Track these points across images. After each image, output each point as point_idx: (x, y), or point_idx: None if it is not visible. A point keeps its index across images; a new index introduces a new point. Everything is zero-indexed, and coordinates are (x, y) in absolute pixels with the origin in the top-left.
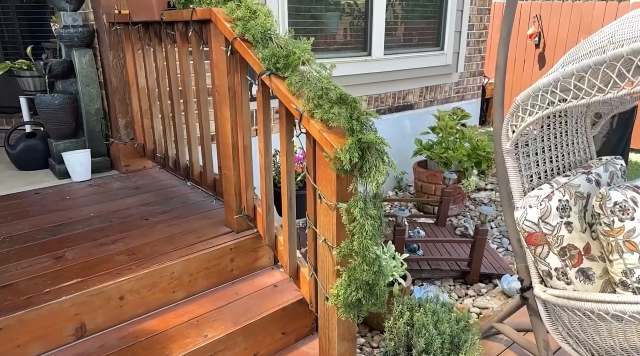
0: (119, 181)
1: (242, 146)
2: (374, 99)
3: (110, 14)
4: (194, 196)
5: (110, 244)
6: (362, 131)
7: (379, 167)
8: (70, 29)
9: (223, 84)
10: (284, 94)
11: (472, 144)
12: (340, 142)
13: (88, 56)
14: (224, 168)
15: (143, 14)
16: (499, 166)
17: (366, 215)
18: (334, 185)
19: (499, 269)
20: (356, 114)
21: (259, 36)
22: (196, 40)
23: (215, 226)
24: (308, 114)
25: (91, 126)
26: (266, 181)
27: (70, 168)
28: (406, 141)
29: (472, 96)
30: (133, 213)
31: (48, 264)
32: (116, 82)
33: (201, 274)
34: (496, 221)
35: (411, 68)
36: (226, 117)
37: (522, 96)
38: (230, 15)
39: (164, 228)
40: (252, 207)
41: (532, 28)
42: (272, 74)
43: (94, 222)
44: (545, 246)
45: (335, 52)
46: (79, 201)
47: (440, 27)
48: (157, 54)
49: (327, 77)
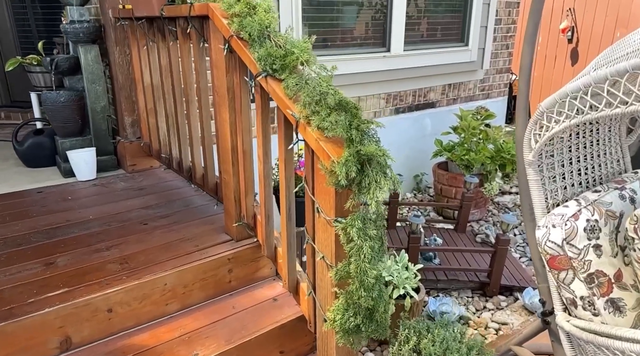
0: (124, 181)
1: (242, 150)
2: (392, 96)
3: (115, 9)
4: (197, 199)
5: (104, 251)
6: (363, 141)
7: (379, 183)
8: (76, 24)
9: (222, 84)
10: (280, 98)
11: (496, 146)
12: (338, 152)
13: (94, 52)
14: (223, 173)
15: (144, 9)
16: (521, 176)
17: (365, 236)
18: (332, 199)
19: (520, 281)
20: (356, 122)
21: (256, 34)
22: (196, 37)
23: (215, 234)
24: (304, 121)
25: (97, 124)
26: (265, 189)
27: (75, 167)
28: (426, 140)
29: (498, 93)
30: (133, 217)
31: (38, 270)
32: (122, 79)
33: (197, 285)
34: (520, 228)
35: (433, 65)
36: (225, 120)
37: (547, 102)
38: (227, 11)
39: (162, 234)
40: (252, 215)
41: (565, 22)
42: (269, 76)
43: (92, 225)
44: (570, 271)
45: (351, 47)
46: (80, 202)
47: (465, 21)
48: (161, 51)
49: (328, 80)
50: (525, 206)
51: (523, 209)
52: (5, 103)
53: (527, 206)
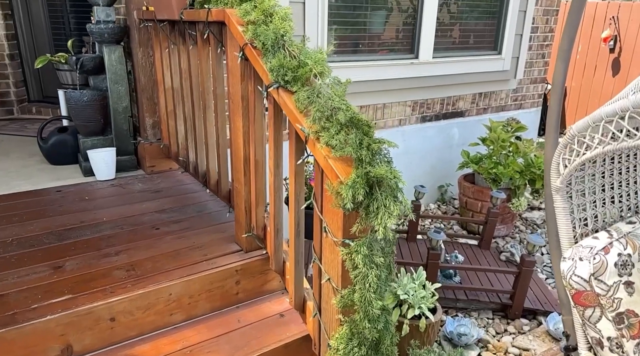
0: (142, 183)
1: (254, 160)
2: (419, 104)
3: (139, 10)
4: (212, 205)
5: (113, 256)
6: (373, 162)
7: (388, 208)
8: (102, 25)
9: (237, 91)
10: (291, 111)
11: (526, 160)
12: (347, 172)
13: (118, 53)
14: (235, 181)
15: (165, 12)
16: (548, 200)
17: (371, 264)
18: (340, 219)
19: (545, 304)
20: (367, 141)
21: (269, 43)
22: (214, 43)
23: (225, 243)
24: (314, 137)
25: (119, 124)
26: (275, 202)
27: (94, 166)
28: (453, 150)
29: (531, 104)
30: (145, 221)
31: (45, 274)
32: (145, 80)
33: (203, 296)
34: (548, 247)
35: (463, 73)
36: (239, 128)
37: (580, 125)
38: (243, 18)
39: (172, 240)
40: (262, 226)
41: (608, 31)
42: (281, 87)
43: (104, 228)
44: (597, 309)
45: (378, 53)
46: (96, 203)
47: (499, 29)
48: (181, 54)
49: (341, 94)
50: (551, 232)
51: (549, 235)
52: (37, 98)
53: (553, 231)
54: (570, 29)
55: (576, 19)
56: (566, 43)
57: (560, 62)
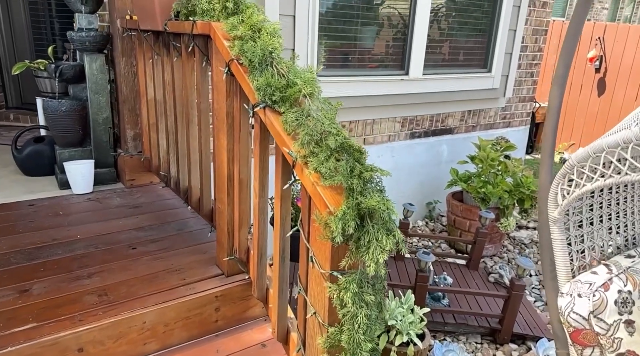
0: (121, 197)
1: (238, 179)
2: (408, 121)
3: (123, 19)
4: (193, 223)
5: (85, 279)
6: (364, 191)
7: (380, 242)
8: (83, 33)
9: (221, 108)
10: (278, 133)
11: (515, 180)
12: (337, 202)
13: (99, 62)
14: (218, 201)
15: (149, 23)
16: (542, 230)
17: (361, 302)
18: (328, 250)
19: (534, 329)
20: (359, 169)
21: (257, 60)
22: (199, 56)
23: (205, 265)
24: (302, 161)
25: (98, 136)
26: (260, 225)
27: (71, 179)
28: (441, 167)
29: (519, 122)
30: (122, 239)
31: (10, 298)
32: (127, 91)
33: (179, 324)
34: (538, 267)
35: (453, 90)
36: (223, 146)
37: (579, 155)
38: (229, 33)
39: (149, 261)
40: (245, 249)
41: (594, 51)
42: (268, 107)
43: (77, 247)
44: (597, 349)
45: (368, 69)
46: (71, 219)
47: (489, 47)
48: (165, 66)
49: (331, 117)
50: (545, 262)
51: (543, 266)
52: (16, 105)
53: (547, 261)
54: (566, 55)
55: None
56: (562, 69)
57: (556, 88)
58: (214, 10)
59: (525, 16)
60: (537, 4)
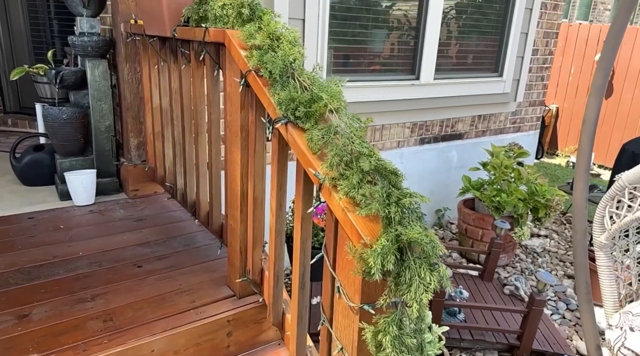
0: (124, 209)
1: (253, 196)
2: (418, 126)
3: (127, 23)
4: (201, 238)
5: (89, 301)
6: (403, 220)
7: (424, 279)
8: (85, 37)
9: (235, 120)
10: (302, 152)
11: (529, 188)
12: (372, 232)
13: (102, 68)
14: (229, 218)
15: (155, 28)
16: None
17: (401, 346)
18: (359, 281)
19: (554, 345)
20: (396, 195)
21: (277, 72)
22: (210, 64)
23: (215, 286)
24: (330, 184)
25: (100, 144)
26: (276, 246)
27: (72, 190)
28: (451, 174)
29: (529, 127)
30: (127, 256)
31: (9, 326)
32: (131, 98)
33: (189, 351)
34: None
35: (464, 95)
36: (236, 160)
37: (631, 176)
38: (246, 41)
39: (156, 281)
40: (259, 270)
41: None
42: (290, 123)
43: (79, 265)
44: None
45: (378, 74)
46: (72, 233)
47: (501, 51)
48: (172, 73)
49: (361, 135)
50: (580, 283)
51: (578, 287)
52: (14, 109)
53: (583, 283)
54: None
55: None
56: (601, 78)
57: (593, 99)
58: (227, 16)
59: (537, 19)
60: (548, 6)
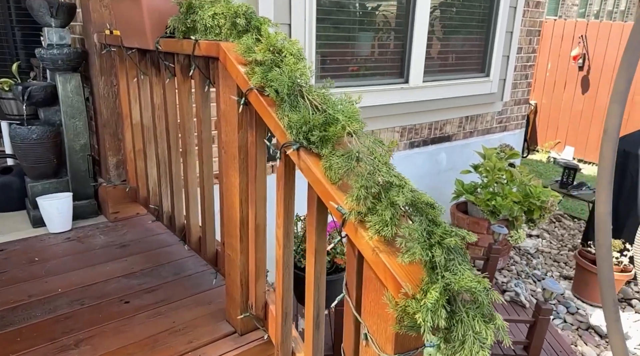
0: (104, 234)
1: (254, 224)
2: (407, 130)
3: (101, 34)
4: (191, 264)
5: (72, 349)
6: (450, 264)
7: (479, 334)
8: (55, 50)
9: (232, 141)
10: (318, 181)
11: (524, 190)
12: (412, 278)
13: (74, 82)
14: (227, 248)
15: (135, 40)
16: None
17: None
18: (391, 329)
19: (561, 353)
20: (438, 233)
21: (285, 91)
22: (200, 80)
23: (213, 321)
24: (355, 220)
25: (76, 165)
26: (284, 280)
27: (46, 217)
28: (441, 177)
29: (515, 126)
30: (111, 290)
31: None
32: (107, 113)
33: None
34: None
35: (452, 97)
36: (234, 185)
37: None
38: (245, 56)
39: (146, 319)
40: (262, 304)
41: (577, 49)
42: (302, 148)
43: (59, 304)
44: None
45: (367, 78)
46: (48, 266)
47: (487, 51)
48: (154, 87)
49: (386, 162)
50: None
51: (605, 305)
52: None
53: (610, 301)
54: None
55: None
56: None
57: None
58: (219, 27)
59: (521, 17)
60: (530, 4)
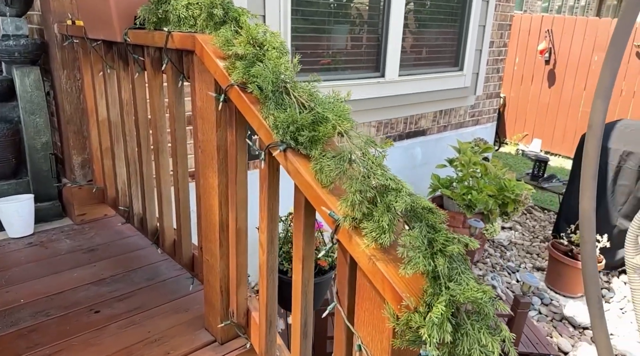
0: (70, 238)
1: (235, 228)
2: (383, 124)
3: (62, 24)
4: (165, 268)
5: None
6: (453, 273)
7: (485, 346)
8: (11, 41)
9: (209, 140)
10: (307, 185)
11: (498, 183)
12: (412, 289)
13: (33, 76)
14: (205, 253)
15: (101, 31)
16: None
17: None
18: (387, 339)
19: (537, 345)
20: (440, 241)
21: (270, 88)
22: (173, 74)
23: (191, 329)
24: (349, 226)
25: (37, 164)
26: (268, 287)
27: (4, 220)
28: (416, 171)
29: (487, 119)
30: (80, 299)
31: None
32: (71, 109)
33: None
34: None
35: (427, 91)
36: (212, 186)
37: None
38: (224, 49)
39: (118, 330)
40: (244, 311)
41: (544, 43)
42: (290, 149)
43: (22, 316)
44: None
45: (343, 72)
46: (10, 275)
47: (460, 45)
48: (121, 82)
49: (380, 163)
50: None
51: (589, 301)
52: None
53: (594, 297)
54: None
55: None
56: (608, 78)
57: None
58: (193, 17)
59: (493, 11)
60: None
